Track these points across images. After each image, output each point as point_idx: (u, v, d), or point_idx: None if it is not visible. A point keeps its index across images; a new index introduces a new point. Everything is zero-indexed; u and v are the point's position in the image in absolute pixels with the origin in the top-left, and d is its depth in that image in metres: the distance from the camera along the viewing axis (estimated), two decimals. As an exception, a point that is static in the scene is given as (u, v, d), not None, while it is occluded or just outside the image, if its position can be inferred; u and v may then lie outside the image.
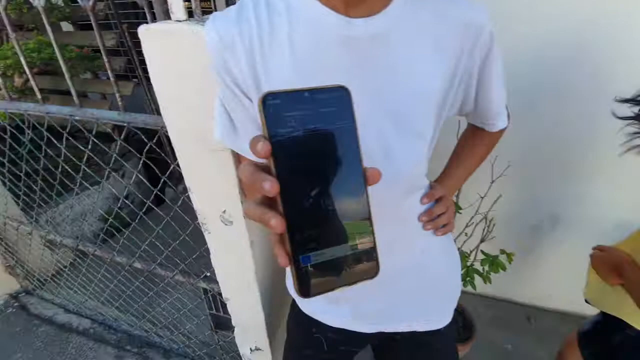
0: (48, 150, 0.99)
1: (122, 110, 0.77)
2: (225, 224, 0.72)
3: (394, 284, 0.56)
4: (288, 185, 0.24)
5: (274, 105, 0.23)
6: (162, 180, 0.83)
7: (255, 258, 0.77)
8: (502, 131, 0.61)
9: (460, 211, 1.16)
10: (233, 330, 1.01)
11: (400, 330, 0.61)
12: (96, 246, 1.21)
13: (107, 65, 0.73)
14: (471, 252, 1.24)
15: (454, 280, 0.65)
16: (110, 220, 1.09)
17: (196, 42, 0.51)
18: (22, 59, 0.81)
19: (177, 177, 1.23)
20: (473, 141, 0.65)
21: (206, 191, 0.69)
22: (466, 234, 1.23)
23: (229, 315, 0.98)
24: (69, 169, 1.01)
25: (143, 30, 0.52)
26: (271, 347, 0.98)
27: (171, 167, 0.78)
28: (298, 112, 0.24)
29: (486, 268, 1.18)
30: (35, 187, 1.22)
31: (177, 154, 0.64)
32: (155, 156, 0.85)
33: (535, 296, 1.59)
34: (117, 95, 0.75)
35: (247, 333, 0.99)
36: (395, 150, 0.45)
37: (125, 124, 0.76)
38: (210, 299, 1.11)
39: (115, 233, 0.99)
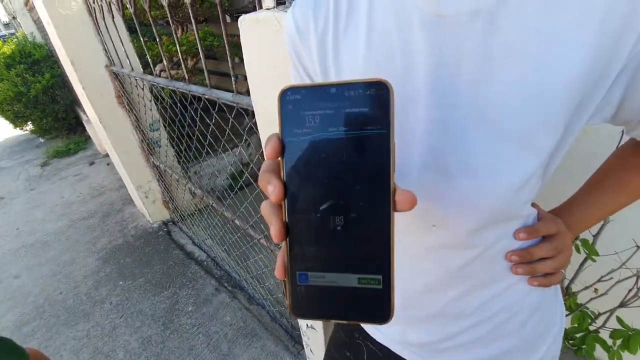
0: (204, 118, 1.27)
1: (235, 92, 0.93)
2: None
3: (451, 323, 0.45)
4: (295, 193, 0.22)
5: (294, 101, 0.21)
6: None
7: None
8: None
9: (596, 259, 0.83)
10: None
11: None
12: (214, 199, 1.51)
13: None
14: (600, 314, 0.90)
15: (544, 348, 0.48)
16: (230, 181, 1.33)
17: (278, 29, 0.52)
18: (199, 46, 1.00)
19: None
20: (630, 163, 0.44)
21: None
22: (596, 290, 0.89)
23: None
24: (210, 138, 1.28)
25: (240, 20, 0.58)
26: (324, 329, 1.04)
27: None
28: (320, 112, 0.21)
29: (618, 343, 0.82)
30: (191, 145, 1.59)
31: (260, 136, 0.74)
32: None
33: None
34: (236, 76, 0.91)
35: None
36: (483, 165, 0.33)
37: (235, 105, 0.92)
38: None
39: (238, 191, 1.24)
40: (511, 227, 0.40)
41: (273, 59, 0.58)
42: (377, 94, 0.20)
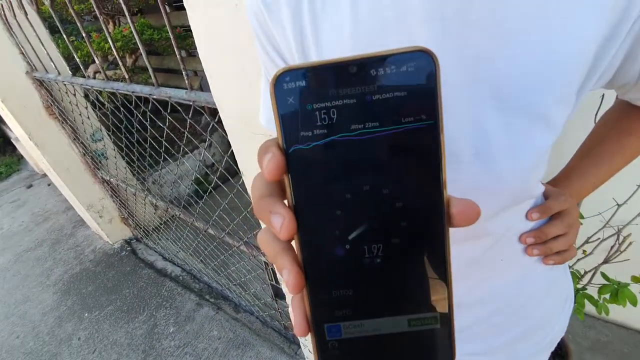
0: (155, 121, 1.12)
1: (189, 89, 0.82)
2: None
3: (468, 312, 0.43)
4: (312, 221, 0.16)
5: (296, 91, 0.15)
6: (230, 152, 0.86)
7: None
8: None
9: (582, 221, 0.83)
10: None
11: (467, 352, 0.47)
12: (180, 210, 1.38)
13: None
14: (586, 273, 0.93)
15: (559, 324, 0.48)
16: (195, 186, 1.22)
17: (237, 4, 0.44)
18: (138, 41, 0.85)
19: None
20: (625, 127, 0.43)
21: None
22: (584, 252, 0.93)
23: (285, 289, 1.02)
24: (165, 142, 1.14)
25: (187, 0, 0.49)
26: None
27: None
28: (337, 102, 0.15)
29: (605, 296, 0.86)
30: (144, 153, 1.43)
31: (229, 135, 0.64)
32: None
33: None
34: (186, 72, 0.79)
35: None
36: (498, 146, 0.29)
37: (190, 103, 0.80)
38: (270, 271, 1.17)
39: (206, 197, 1.12)
40: (523, 209, 0.39)
41: (234, 43, 0.49)
42: (418, 70, 0.15)
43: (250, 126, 0.56)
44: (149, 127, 1.10)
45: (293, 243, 0.17)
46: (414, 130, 0.15)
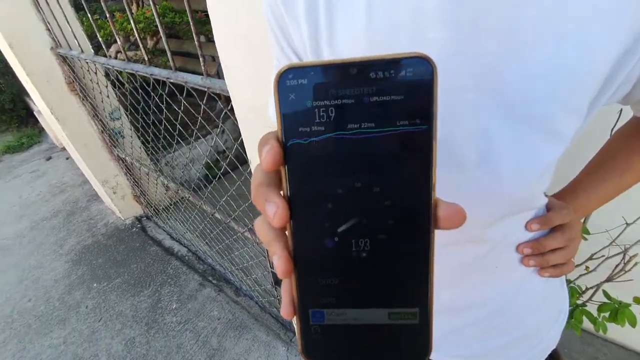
0: (171, 105, 1.15)
1: (205, 75, 0.83)
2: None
3: (459, 316, 0.43)
4: (305, 212, 0.17)
5: (298, 88, 0.16)
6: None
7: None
8: None
9: (587, 237, 0.83)
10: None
11: None
12: (190, 193, 1.41)
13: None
14: (587, 289, 0.92)
15: (551, 334, 0.48)
16: (205, 171, 1.24)
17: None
18: (158, 23, 0.87)
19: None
20: (638, 145, 0.42)
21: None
22: (587, 268, 0.91)
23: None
24: (179, 126, 1.17)
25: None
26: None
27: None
28: (336, 102, 0.16)
29: (605, 315, 0.85)
30: (159, 135, 1.46)
31: (239, 124, 0.66)
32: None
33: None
34: (203, 57, 0.81)
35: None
36: (503, 155, 0.29)
37: (205, 89, 0.82)
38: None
39: (215, 182, 1.15)
40: (524, 218, 0.38)
41: (249, 33, 0.50)
42: (417, 76, 0.15)
43: (261, 117, 0.58)
44: (164, 109, 1.12)
45: (287, 232, 0.18)
46: (408, 134, 0.15)
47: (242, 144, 0.83)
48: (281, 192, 0.18)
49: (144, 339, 1.51)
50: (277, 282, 1.31)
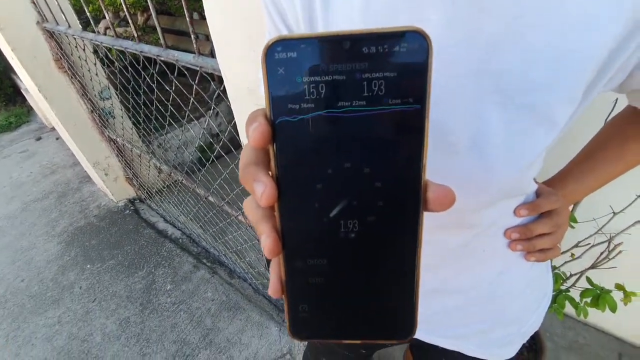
0: (163, 84, 1.12)
1: (197, 53, 0.81)
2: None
3: (447, 298, 0.44)
4: (293, 192, 0.17)
5: (287, 62, 0.15)
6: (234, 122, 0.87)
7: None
8: None
9: (574, 225, 0.84)
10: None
11: (444, 347, 0.49)
12: (183, 175, 1.40)
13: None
14: (572, 275, 0.94)
15: (533, 318, 0.49)
16: (199, 154, 1.22)
17: None
18: None
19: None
20: (631, 134, 0.42)
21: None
22: (572, 255, 0.93)
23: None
24: (171, 107, 1.14)
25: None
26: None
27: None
28: (327, 77, 0.15)
29: (587, 300, 0.88)
30: (150, 116, 1.44)
31: (232, 104, 0.65)
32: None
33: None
34: (195, 35, 0.78)
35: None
36: (495, 141, 0.29)
37: (197, 68, 0.80)
38: (265, 241, 1.21)
39: (209, 165, 1.13)
40: (513, 204, 0.39)
41: (242, 10, 0.48)
42: (411, 51, 0.14)
43: (254, 96, 0.56)
44: (155, 89, 1.09)
45: (276, 212, 0.18)
46: (399, 113, 0.15)
47: (235, 127, 0.82)
48: (270, 172, 0.18)
49: (138, 318, 1.53)
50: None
